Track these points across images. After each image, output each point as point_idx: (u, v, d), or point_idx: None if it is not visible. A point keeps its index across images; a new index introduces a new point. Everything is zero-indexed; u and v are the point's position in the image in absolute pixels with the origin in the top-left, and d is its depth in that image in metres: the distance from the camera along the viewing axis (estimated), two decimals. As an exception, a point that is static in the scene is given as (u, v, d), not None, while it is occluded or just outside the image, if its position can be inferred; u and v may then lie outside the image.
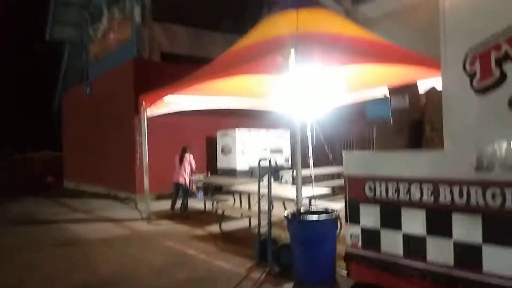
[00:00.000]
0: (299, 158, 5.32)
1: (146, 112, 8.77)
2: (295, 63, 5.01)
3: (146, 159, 8.90)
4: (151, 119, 8.98)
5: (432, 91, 3.51)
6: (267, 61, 5.57)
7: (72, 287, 4.80)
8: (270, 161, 5.86)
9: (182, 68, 9.93)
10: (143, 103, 8.71)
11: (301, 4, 6.89)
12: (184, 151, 9.49)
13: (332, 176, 11.08)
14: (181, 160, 9.36)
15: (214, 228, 7.59)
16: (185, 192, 9.34)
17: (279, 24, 6.68)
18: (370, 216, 3.54)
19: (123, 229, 8.12)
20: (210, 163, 13.02)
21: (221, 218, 7.79)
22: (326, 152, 10.25)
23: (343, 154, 3.85)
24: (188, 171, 9.39)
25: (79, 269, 5.44)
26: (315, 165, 10.75)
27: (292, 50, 5.02)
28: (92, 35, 17.73)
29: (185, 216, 9.03)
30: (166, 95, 8.05)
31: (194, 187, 9.68)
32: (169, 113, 9.25)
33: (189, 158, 9.43)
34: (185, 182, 9.31)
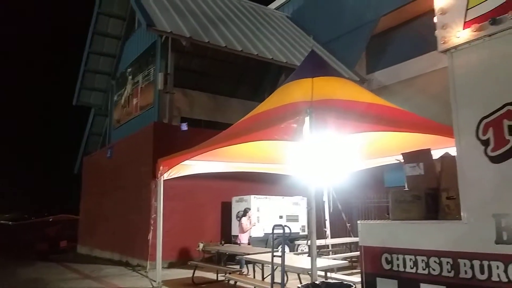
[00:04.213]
0: (313, 226, 5.14)
1: (163, 176, 8.77)
2: (310, 129, 5.03)
3: (161, 225, 8.75)
4: (167, 183, 8.96)
5: (447, 158, 3.41)
6: (283, 128, 5.61)
7: None
8: (284, 229, 5.69)
9: (200, 133, 10.14)
10: (161, 167, 8.72)
11: (317, 72, 7.09)
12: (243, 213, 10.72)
13: (350, 247, 10.67)
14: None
15: (225, 299, 7.23)
16: None
17: (295, 92, 6.84)
18: (387, 292, 3.29)
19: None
20: (225, 229, 12.75)
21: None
22: (344, 220, 10.00)
23: (358, 224, 3.70)
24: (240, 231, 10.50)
25: None
26: (332, 234, 10.47)
27: (307, 118, 5.06)
28: (116, 101, 18.52)
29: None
30: (185, 160, 8.11)
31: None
32: (185, 176, 9.22)
33: (241, 220, 10.54)
34: (240, 242, 10.35)
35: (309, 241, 6.00)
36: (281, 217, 12.26)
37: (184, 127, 13.07)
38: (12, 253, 17.58)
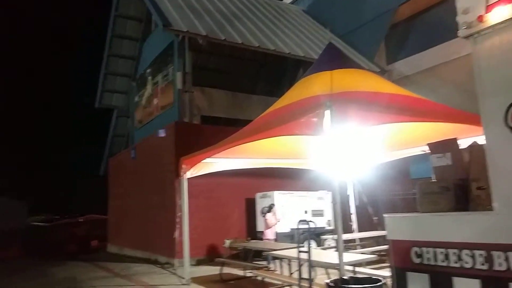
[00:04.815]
0: (339, 221, 5.10)
1: (186, 174, 8.84)
2: (331, 122, 4.98)
3: (186, 222, 8.85)
4: (190, 181, 9.04)
5: (475, 147, 3.31)
6: (303, 122, 5.57)
7: None
8: (309, 224, 5.67)
9: (221, 130, 10.17)
10: (184, 166, 8.80)
11: (336, 65, 7.00)
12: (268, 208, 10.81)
13: (377, 240, 10.52)
14: None
15: (253, 296, 7.27)
16: None
17: (314, 85, 6.78)
18: (418, 286, 3.23)
19: (161, 295, 7.95)
20: (249, 225, 12.79)
21: (261, 285, 7.47)
22: (370, 213, 9.88)
23: (385, 217, 3.64)
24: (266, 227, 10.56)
25: None
26: (359, 228, 10.36)
27: (327, 111, 5.01)
28: (137, 102, 18.78)
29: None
30: (206, 157, 8.16)
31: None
32: (208, 174, 9.27)
33: (266, 216, 10.59)
34: (265, 238, 10.42)
35: (335, 236, 5.96)
36: (306, 212, 12.21)
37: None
38: (46, 253, 18.13)
